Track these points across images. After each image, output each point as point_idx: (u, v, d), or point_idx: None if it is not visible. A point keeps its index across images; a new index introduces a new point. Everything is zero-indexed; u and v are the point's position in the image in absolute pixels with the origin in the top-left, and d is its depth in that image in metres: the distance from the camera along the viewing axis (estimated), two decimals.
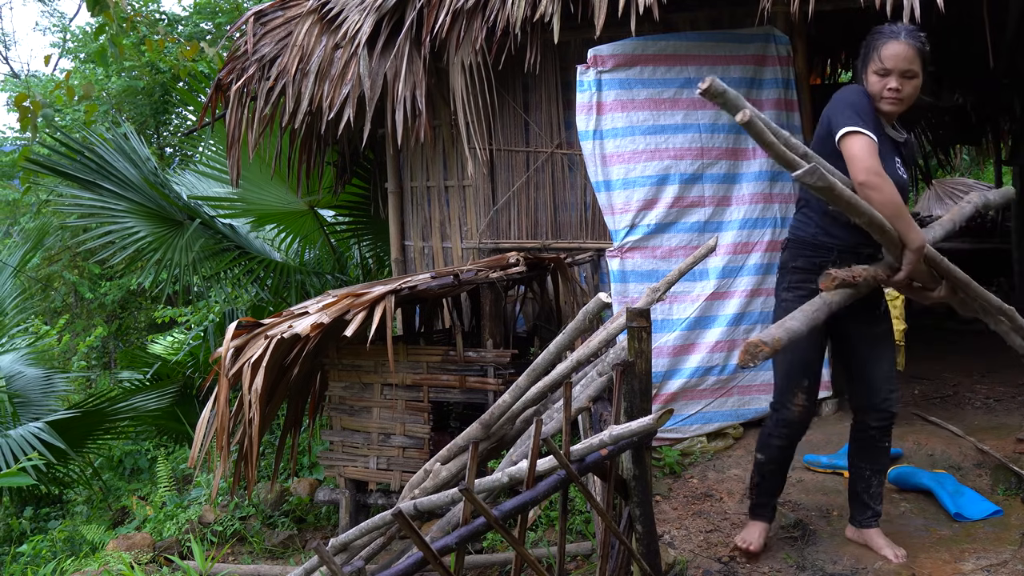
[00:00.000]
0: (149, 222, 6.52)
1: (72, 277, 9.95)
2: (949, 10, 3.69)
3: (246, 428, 3.49)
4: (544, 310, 5.13)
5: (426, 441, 3.94)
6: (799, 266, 2.86)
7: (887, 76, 2.66)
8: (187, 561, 3.70)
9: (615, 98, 4.39)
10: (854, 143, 2.57)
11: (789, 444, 3.07)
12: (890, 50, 2.65)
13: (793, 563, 3.10)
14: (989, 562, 2.98)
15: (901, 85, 2.66)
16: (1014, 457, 3.75)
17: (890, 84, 2.66)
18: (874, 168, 2.53)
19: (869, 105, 2.69)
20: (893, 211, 2.52)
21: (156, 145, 10.36)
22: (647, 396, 2.39)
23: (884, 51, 2.66)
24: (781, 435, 3.03)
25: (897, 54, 2.64)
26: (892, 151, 2.76)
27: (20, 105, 4.75)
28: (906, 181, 2.83)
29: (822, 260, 2.75)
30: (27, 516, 6.17)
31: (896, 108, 2.71)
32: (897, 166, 2.74)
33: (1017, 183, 8.60)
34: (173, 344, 7.97)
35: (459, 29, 4.84)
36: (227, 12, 10.83)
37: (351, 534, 2.89)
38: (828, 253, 2.78)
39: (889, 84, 2.66)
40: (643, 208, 4.37)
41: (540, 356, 2.89)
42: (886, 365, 2.96)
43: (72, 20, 17.79)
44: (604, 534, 2.32)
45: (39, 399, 6.88)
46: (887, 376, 2.95)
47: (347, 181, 6.74)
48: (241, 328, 3.60)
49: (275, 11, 5.69)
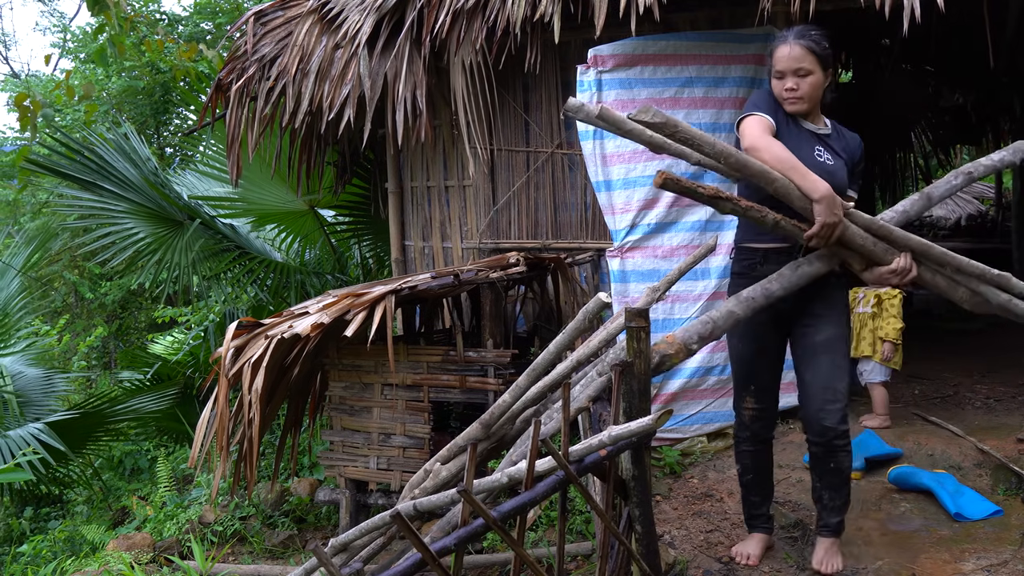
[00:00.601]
0: (149, 223, 6.52)
1: (72, 277, 9.96)
2: (949, 10, 3.69)
3: (246, 428, 3.49)
4: (544, 310, 5.13)
5: (426, 441, 3.94)
6: (736, 271, 2.95)
7: (783, 78, 2.76)
8: (187, 561, 3.70)
9: (615, 98, 4.38)
10: (743, 125, 2.73)
11: (756, 451, 3.05)
12: (780, 53, 2.76)
13: (793, 563, 3.10)
14: (989, 562, 2.98)
15: (796, 84, 2.74)
16: (1014, 457, 3.75)
17: (786, 84, 2.76)
18: (758, 135, 2.63)
19: (768, 100, 2.80)
20: (785, 166, 2.55)
21: (156, 145, 10.36)
22: (646, 396, 2.39)
23: (776, 55, 2.77)
24: (744, 440, 3.05)
25: (785, 55, 2.74)
26: (811, 142, 2.78)
27: (20, 105, 4.75)
28: (832, 167, 2.73)
29: (752, 263, 2.86)
30: (27, 516, 6.18)
31: (799, 106, 2.77)
32: (817, 155, 2.75)
33: (1017, 183, 8.60)
34: (173, 344, 7.97)
35: (459, 29, 4.84)
36: (227, 12, 10.83)
37: (351, 534, 2.89)
38: (755, 255, 2.85)
39: (786, 84, 2.76)
40: (643, 208, 4.37)
41: (540, 356, 2.88)
42: (824, 373, 2.78)
43: (72, 20, 17.81)
44: (603, 534, 2.32)
45: (39, 399, 6.88)
46: (824, 385, 2.78)
47: (347, 181, 6.74)
48: (241, 328, 3.60)
49: (275, 11, 5.69)
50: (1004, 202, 11.25)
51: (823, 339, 2.82)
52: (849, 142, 2.88)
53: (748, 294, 2.62)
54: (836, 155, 2.79)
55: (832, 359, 2.80)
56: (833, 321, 2.83)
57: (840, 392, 2.77)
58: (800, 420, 3.03)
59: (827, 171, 2.68)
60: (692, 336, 2.50)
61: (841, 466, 2.84)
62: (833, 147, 2.81)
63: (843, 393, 2.78)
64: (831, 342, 2.81)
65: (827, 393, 2.77)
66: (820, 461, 2.88)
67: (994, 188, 11.97)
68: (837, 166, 2.76)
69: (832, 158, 2.78)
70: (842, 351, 2.84)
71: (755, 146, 2.60)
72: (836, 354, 2.81)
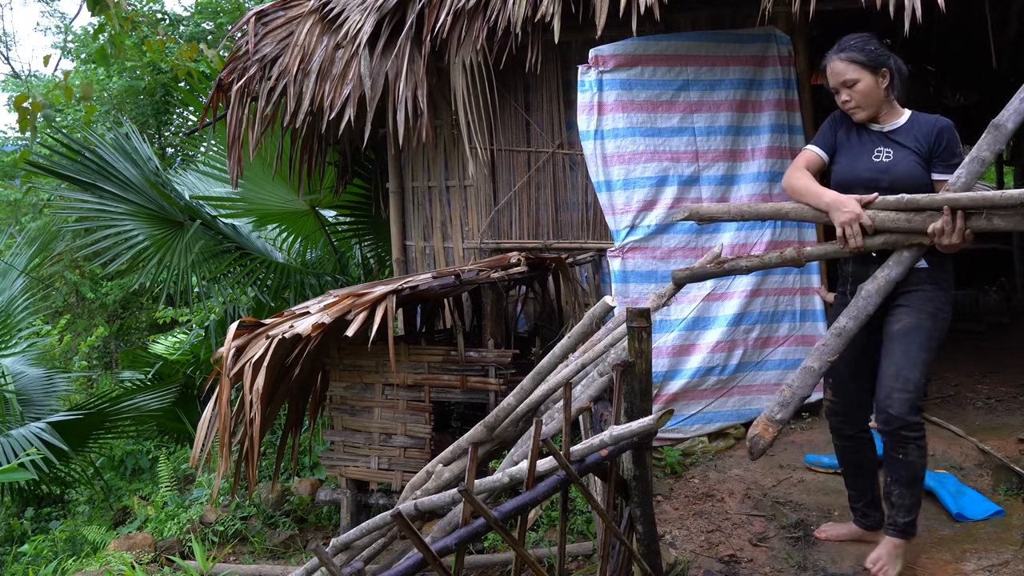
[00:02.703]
0: (149, 224, 6.51)
1: (73, 277, 9.96)
2: (951, 10, 3.69)
3: (247, 428, 3.49)
4: (545, 310, 5.13)
5: (427, 441, 3.94)
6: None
7: (837, 93, 2.95)
8: (188, 561, 3.70)
9: (616, 98, 4.39)
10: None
11: (842, 446, 3.11)
12: (828, 72, 2.95)
13: (795, 563, 3.10)
14: (990, 562, 2.97)
15: (848, 96, 2.91)
16: (1015, 457, 3.75)
17: (841, 99, 2.94)
18: (788, 173, 3.01)
19: (831, 123, 3.05)
20: (798, 195, 2.93)
21: (158, 145, 10.36)
22: (647, 396, 2.39)
23: (827, 74, 2.96)
24: (831, 430, 3.15)
25: (831, 73, 2.93)
26: (872, 145, 2.93)
27: (19, 106, 4.75)
28: (888, 163, 2.85)
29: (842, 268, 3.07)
30: (28, 516, 6.18)
31: (860, 113, 2.92)
32: (875, 156, 2.90)
33: (1018, 183, 8.60)
34: (174, 344, 7.97)
35: (460, 29, 4.84)
36: (228, 12, 10.83)
37: (352, 534, 2.89)
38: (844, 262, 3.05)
39: (840, 99, 2.95)
40: (643, 208, 4.37)
41: (545, 359, 2.88)
42: (896, 361, 2.79)
43: (73, 20, 17.82)
44: (605, 534, 2.32)
45: (40, 399, 6.89)
46: (893, 373, 2.77)
47: (348, 181, 6.74)
48: (242, 328, 3.60)
49: (276, 11, 5.69)
50: None
51: (900, 327, 2.83)
52: (922, 128, 2.87)
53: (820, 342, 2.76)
54: (902, 147, 2.86)
55: (906, 348, 2.79)
56: (913, 311, 2.82)
57: (910, 381, 2.74)
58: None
59: (881, 169, 2.86)
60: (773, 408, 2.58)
61: (909, 459, 2.78)
62: (900, 141, 2.88)
63: (914, 383, 2.74)
64: (907, 331, 2.81)
65: (896, 380, 2.75)
66: (889, 452, 2.84)
67: (994, 188, 11.97)
68: (898, 159, 2.85)
69: (894, 153, 2.87)
70: (918, 341, 2.79)
71: (784, 186, 3.02)
72: (911, 343, 2.79)
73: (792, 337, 4.49)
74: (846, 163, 2.95)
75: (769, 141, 4.49)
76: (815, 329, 4.52)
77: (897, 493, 2.85)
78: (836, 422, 3.09)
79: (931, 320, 2.82)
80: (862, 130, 2.97)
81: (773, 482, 3.84)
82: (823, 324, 4.54)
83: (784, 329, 4.50)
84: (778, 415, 2.54)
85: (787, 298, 4.51)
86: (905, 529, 2.88)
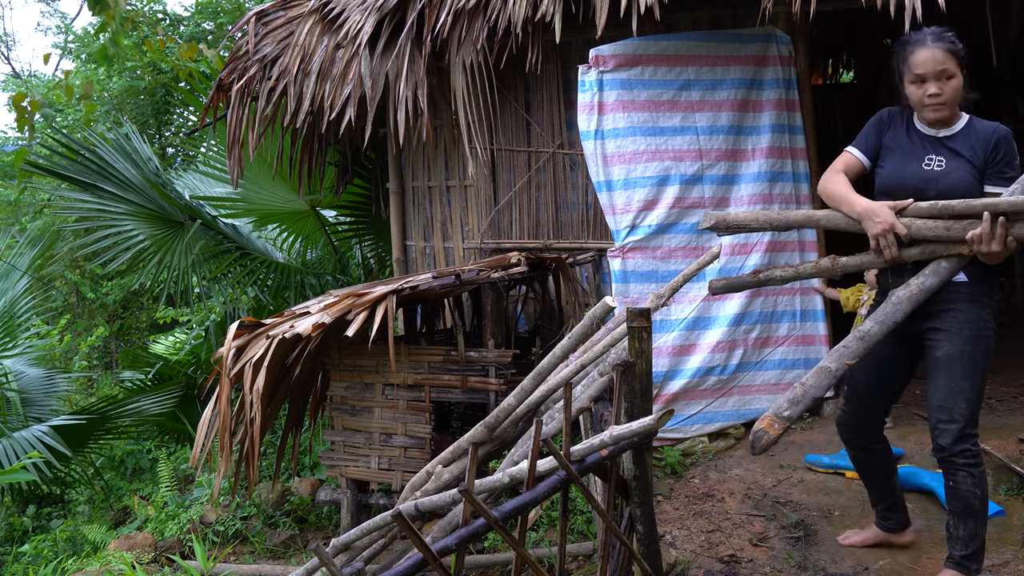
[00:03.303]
0: (149, 224, 6.51)
1: (74, 277, 9.97)
2: (951, 10, 3.69)
3: (248, 428, 3.49)
4: (546, 310, 5.13)
5: (427, 441, 3.94)
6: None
7: (924, 83, 2.66)
8: (189, 561, 3.70)
9: (616, 98, 4.38)
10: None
11: (855, 455, 3.04)
12: (920, 57, 2.65)
13: (795, 563, 3.10)
14: (991, 562, 2.97)
15: (940, 89, 2.64)
16: (1016, 457, 3.74)
17: (929, 90, 2.65)
18: (825, 176, 2.82)
19: (877, 124, 2.84)
20: (833, 202, 2.74)
21: (158, 145, 10.36)
22: (648, 396, 2.39)
23: (914, 59, 2.66)
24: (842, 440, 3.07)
25: (927, 59, 2.63)
26: (924, 151, 2.73)
27: (18, 105, 4.73)
28: (939, 172, 2.65)
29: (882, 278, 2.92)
30: (29, 515, 6.18)
31: (941, 113, 2.68)
32: (925, 164, 2.70)
33: None
34: (175, 344, 7.97)
35: (460, 29, 4.84)
36: (229, 12, 10.83)
37: (352, 534, 2.89)
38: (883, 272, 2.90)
39: (928, 90, 2.65)
40: (644, 208, 4.37)
41: (545, 359, 2.88)
42: (941, 391, 2.66)
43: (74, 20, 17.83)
44: (605, 534, 2.32)
45: (41, 399, 6.89)
46: (939, 405, 2.66)
47: (348, 181, 6.74)
48: (243, 328, 3.60)
49: (276, 11, 5.69)
50: None
51: (941, 355, 2.69)
52: (979, 136, 2.69)
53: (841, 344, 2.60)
54: (956, 155, 2.67)
55: (949, 378, 2.66)
56: (954, 337, 2.68)
57: (955, 412, 2.62)
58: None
59: (930, 178, 2.65)
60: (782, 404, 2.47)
61: (960, 488, 2.64)
62: (955, 148, 2.69)
63: (960, 413, 2.62)
64: (949, 359, 2.67)
65: (941, 413, 2.65)
66: (945, 480, 2.72)
67: None
68: (950, 168, 2.66)
69: (947, 162, 2.68)
70: (961, 370, 2.65)
71: (820, 187, 2.85)
72: (954, 373, 2.66)
73: (792, 337, 4.49)
74: (892, 168, 2.74)
75: (770, 141, 4.49)
76: (815, 329, 4.52)
77: (952, 523, 2.71)
78: (846, 433, 3.00)
79: (971, 344, 2.67)
80: (913, 133, 2.76)
81: (773, 482, 3.84)
82: (823, 324, 4.54)
83: (784, 329, 4.50)
84: (786, 412, 2.48)
85: (787, 298, 4.51)
86: (960, 563, 2.70)
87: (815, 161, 4.62)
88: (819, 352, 4.45)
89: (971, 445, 2.64)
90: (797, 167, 4.56)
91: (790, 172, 4.54)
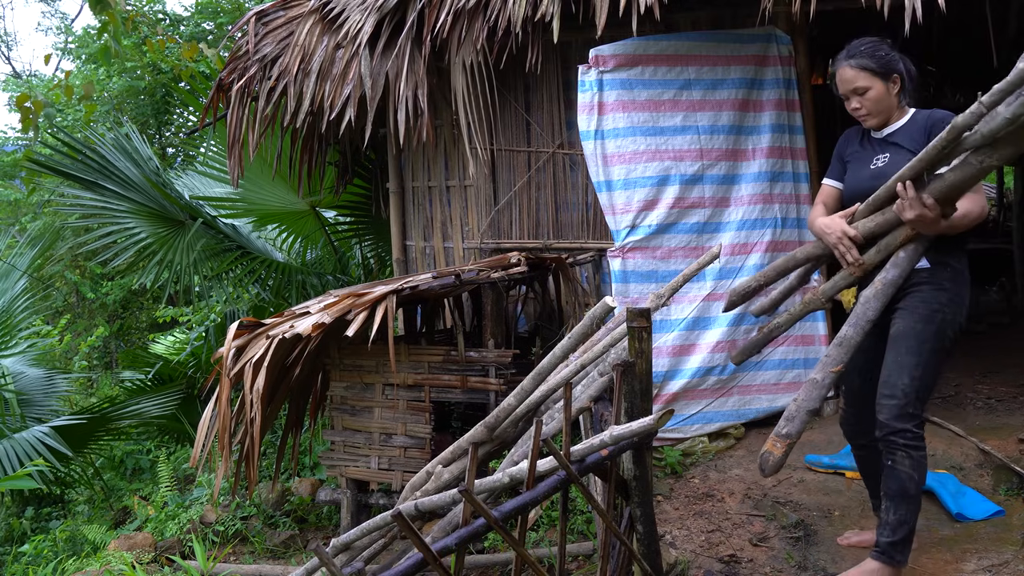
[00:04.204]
0: (151, 222, 6.52)
1: (74, 277, 9.97)
2: (950, 9, 3.69)
3: (248, 428, 3.49)
4: (546, 310, 5.13)
5: (427, 441, 3.94)
6: None
7: (847, 100, 2.88)
8: (189, 561, 3.70)
9: (616, 98, 4.39)
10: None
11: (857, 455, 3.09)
12: (837, 79, 2.88)
13: (795, 563, 3.10)
14: (991, 562, 2.97)
15: (859, 104, 2.84)
16: (1016, 457, 3.74)
17: (851, 106, 2.88)
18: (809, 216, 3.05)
19: (842, 143, 3.02)
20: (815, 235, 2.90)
21: (158, 145, 10.37)
22: (648, 396, 2.39)
23: (836, 81, 2.89)
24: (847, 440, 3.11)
25: (840, 80, 2.86)
26: (873, 153, 2.89)
27: (21, 106, 4.75)
28: (884, 167, 2.79)
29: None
30: (28, 516, 6.18)
31: (871, 120, 2.86)
32: (874, 164, 2.86)
33: (1018, 183, 8.59)
34: (175, 344, 7.97)
35: (460, 29, 4.84)
36: (229, 12, 10.83)
37: (352, 534, 2.89)
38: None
39: (851, 106, 2.88)
40: (644, 208, 4.37)
41: (545, 359, 2.88)
42: (888, 367, 2.70)
43: (74, 20, 17.83)
44: (605, 534, 2.32)
45: (41, 399, 6.89)
46: (884, 379, 2.69)
47: (348, 181, 6.74)
48: (243, 328, 3.61)
49: (276, 11, 5.69)
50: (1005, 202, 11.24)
51: (894, 332, 2.74)
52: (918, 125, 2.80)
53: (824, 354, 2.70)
54: (899, 148, 2.80)
55: (896, 353, 2.69)
56: (907, 314, 2.72)
57: (897, 387, 2.64)
58: None
59: (877, 175, 2.80)
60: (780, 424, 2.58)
61: (897, 469, 2.63)
62: (897, 142, 2.82)
63: (902, 389, 2.63)
64: (898, 336, 2.72)
65: (884, 387, 2.68)
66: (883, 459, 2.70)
67: (995, 188, 11.96)
68: (893, 161, 2.77)
69: (891, 156, 2.82)
70: (907, 345, 2.68)
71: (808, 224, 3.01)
72: (900, 348, 2.69)
73: (792, 337, 4.49)
74: (849, 177, 2.92)
75: (770, 141, 4.49)
76: (815, 329, 4.52)
77: (884, 506, 2.69)
78: (849, 432, 3.05)
79: (924, 323, 2.68)
80: (866, 140, 2.92)
81: (773, 482, 3.84)
82: (823, 324, 4.54)
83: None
84: (784, 430, 2.52)
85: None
86: (886, 551, 2.68)
87: (815, 161, 4.62)
88: (819, 352, 4.45)
89: (913, 426, 2.64)
90: (797, 167, 4.56)
91: (790, 172, 4.54)
